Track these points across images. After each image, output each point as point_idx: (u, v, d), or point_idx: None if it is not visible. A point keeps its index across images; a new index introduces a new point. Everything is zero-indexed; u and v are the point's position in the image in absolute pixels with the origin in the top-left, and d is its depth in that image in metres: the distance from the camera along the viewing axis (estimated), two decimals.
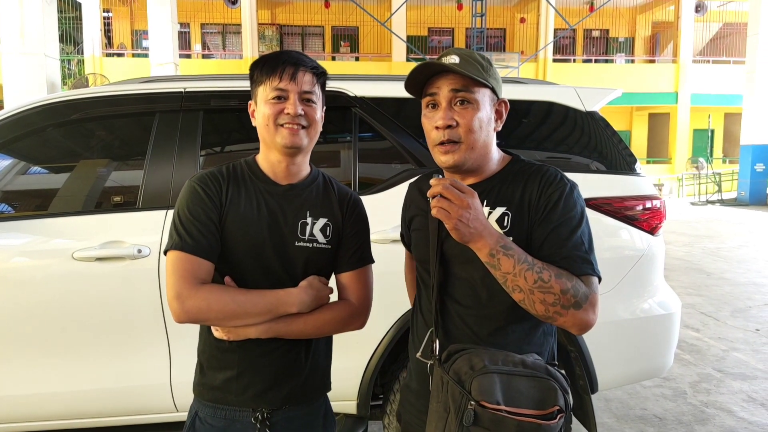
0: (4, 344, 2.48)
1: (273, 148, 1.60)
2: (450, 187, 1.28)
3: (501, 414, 1.23)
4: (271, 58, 1.58)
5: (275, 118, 1.55)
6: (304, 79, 1.57)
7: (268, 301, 1.51)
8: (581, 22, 21.88)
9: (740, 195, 18.58)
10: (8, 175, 2.73)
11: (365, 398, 2.63)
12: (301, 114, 1.55)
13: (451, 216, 1.28)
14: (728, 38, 26.48)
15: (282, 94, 1.55)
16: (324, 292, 1.60)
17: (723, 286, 7.44)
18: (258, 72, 1.59)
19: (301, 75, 1.56)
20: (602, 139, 2.89)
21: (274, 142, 1.57)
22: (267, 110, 1.55)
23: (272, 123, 1.55)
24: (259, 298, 1.51)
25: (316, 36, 26.44)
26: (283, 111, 1.54)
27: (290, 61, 1.56)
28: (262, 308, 1.51)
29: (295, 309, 1.53)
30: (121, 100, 2.76)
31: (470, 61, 1.45)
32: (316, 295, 1.57)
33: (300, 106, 1.55)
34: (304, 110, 1.56)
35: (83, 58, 21.89)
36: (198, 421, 1.62)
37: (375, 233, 2.41)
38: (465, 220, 1.28)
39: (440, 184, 1.29)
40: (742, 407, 3.86)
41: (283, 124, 1.55)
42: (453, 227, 1.28)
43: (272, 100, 1.55)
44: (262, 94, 1.57)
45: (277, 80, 1.54)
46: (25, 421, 2.54)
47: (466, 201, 1.28)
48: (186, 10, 24.01)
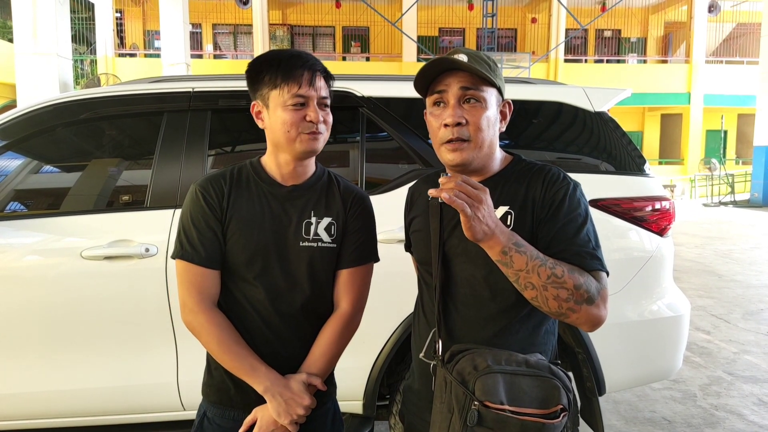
0: (13, 342, 2.50)
1: (285, 152, 1.59)
2: (463, 184, 1.26)
3: (505, 414, 1.23)
4: (286, 60, 1.55)
5: (298, 125, 1.54)
6: (320, 85, 1.57)
7: (241, 366, 1.53)
8: (593, 22, 21.76)
9: (753, 196, 18.42)
10: (18, 174, 2.76)
11: (371, 398, 2.63)
12: (322, 120, 1.56)
13: (472, 213, 1.25)
14: (741, 38, 26.27)
15: (302, 101, 1.54)
16: (293, 405, 1.52)
17: (735, 288, 7.38)
18: (271, 74, 1.55)
19: (318, 80, 1.56)
20: (611, 139, 2.88)
21: (293, 148, 1.56)
22: (288, 117, 1.53)
23: (294, 130, 1.54)
24: (235, 358, 1.53)
25: (326, 36, 26.48)
26: (305, 118, 1.54)
27: (307, 66, 1.55)
28: (232, 367, 1.54)
29: (260, 390, 1.52)
30: (130, 100, 2.78)
31: (478, 60, 1.44)
32: (287, 400, 1.51)
33: (320, 112, 1.56)
34: (322, 116, 1.57)
35: (96, 58, 22.05)
36: (206, 422, 1.63)
37: (382, 233, 2.42)
38: (482, 217, 1.26)
39: (452, 181, 1.26)
40: (752, 410, 3.82)
41: (305, 132, 1.54)
42: (470, 225, 1.26)
43: (292, 106, 1.53)
44: (277, 99, 1.54)
45: (296, 86, 1.52)
46: (33, 419, 2.56)
47: (481, 197, 1.27)
48: (198, 11, 24.14)
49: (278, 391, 1.51)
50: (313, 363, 1.60)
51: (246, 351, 1.54)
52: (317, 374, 1.59)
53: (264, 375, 1.52)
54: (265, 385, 1.51)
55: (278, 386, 1.52)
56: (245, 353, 1.54)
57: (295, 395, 1.52)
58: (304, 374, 1.57)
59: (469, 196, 1.25)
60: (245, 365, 1.52)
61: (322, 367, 1.61)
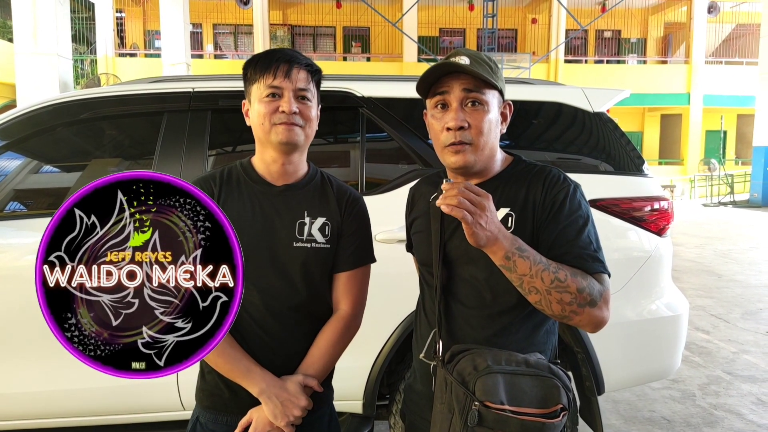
0: (13, 342, 2.51)
1: (268, 147, 1.59)
2: (466, 191, 1.27)
3: (505, 414, 1.24)
4: (264, 55, 1.57)
5: (270, 116, 1.53)
6: (298, 77, 1.55)
7: (236, 369, 1.52)
8: (593, 22, 21.76)
9: (753, 197, 18.44)
10: (18, 173, 2.76)
11: (371, 398, 2.63)
12: (296, 112, 1.54)
13: (473, 221, 1.25)
14: (741, 39, 26.28)
15: (276, 92, 1.54)
16: (290, 407, 1.52)
17: (734, 288, 7.39)
18: (251, 70, 1.58)
19: (296, 72, 1.55)
20: (610, 140, 2.88)
21: (270, 140, 1.55)
22: (262, 108, 1.54)
23: (267, 121, 1.54)
24: (229, 361, 1.52)
25: (327, 36, 26.49)
26: (278, 109, 1.53)
27: (284, 59, 1.55)
28: (226, 371, 1.54)
29: (255, 393, 1.52)
30: (130, 100, 2.78)
31: (480, 62, 1.44)
32: (283, 401, 1.51)
33: (295, 103, 1.54)
34: (299, 108, 1.55)
35: (96, 58, 22.05)
36: (199, 426, 1.61)
37: (381, 233, 2.44)
38: (484, 224, 1.27)
39: (455, 188, 1.27)
40: (751, 410, 3.83)
41: (278, 122, 1.53)
42: (472, 232, 1.26)
43: (266, 98, 1.54)
44: (256, 93, 1.56)
45: (271, 78, 1.53)
46: (34, 418, 2.56)
47: (484, 204, 1.27)
48: (198, 11, 24.15)
49: (274, 392, 1.50)
50: (310, 364, 1.59)
51: (240, 354, 1.53)
52: (314, 376, 1.58)
53: (259, 377, 1.52)
54: (261, 387, 1.51)
55: (274, 388, 1.51)
56: (239, 356, 1.53)
57: (291, 396, 1.51)
58: (300, 375, 1.56)
59: (472, 203, 1.26)
60: (240, 368, 1.52)
61: (319, 369, 1.59)
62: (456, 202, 1.25)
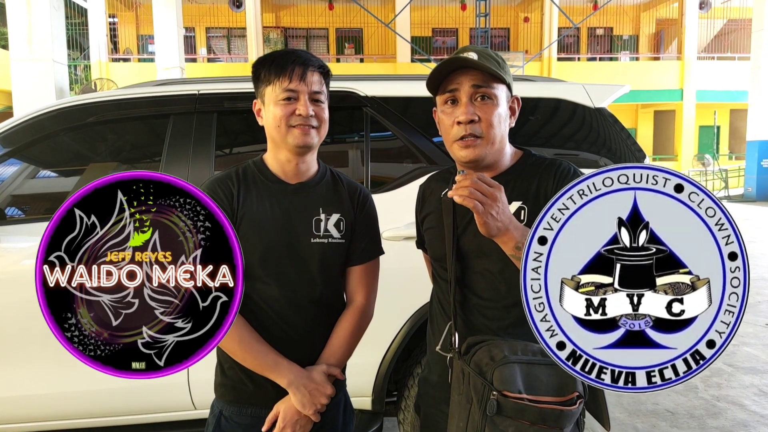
0: (18, 345, 2.51)
1: (283, 148, 1.62)
2: (478, 182, 1.30)
3: (523, 402, 1.26)
4: (279, 57, 1.60)
5: (287, 119, 1.57)
6: (313, 79, 1.59)
7: (264, 362, 1.56)
8: (585, 20, 21.80)
9: (747, 191, 18.50)
10: (22, 180, 2.77)
11: (380, 394, 2.65)
12: (312, 115, 1.58)
13: (485, 210, 1.28)
14: (733, 34, 26.37)
15: (292, 95, 1.57)
16: (317, 395, 1.57)
17: None
18: (265, 71, 1.60)
19: (310, 75, 1.58)
20: (611, 134, 2.91)
21: (286, 142, 1.59)
22: (278, 111, 1.57)
23: (284, 124, 1.57)
24: (258, 356, 1.56)
25: (320, 38, 26.47)
26: (295, 112, 1.56)
27: (299, 61, 1.58)
28: (254, 365, 1.57)
29: (284, 384, 1.56)
30: (136, 103, 2.79)
31: (488, 58, 1.47)
32: (311, 391, 1.56)
33: (311, 106, 1.58)
34: (314, 111, 1.59)
35: (89, 64, 21.98)
36: (224, 420, 1.65)
37: (387, 231, 2.45)
38: (495, 214, 1.30)
39: (468, 179, 1.30)
40: (753, 401, 3.87)
41: (294, 125, 1.57)
42: (483, 222, 1.29)
43: (282, 101, 1.57)
44: (271, 95, 1.59)
45: (286, 81, 1.56)
46: (45, 420, 2.57)
47: (496, 194, 1.30)
48: (191, 15, 24.08)
49: (302, 383, 1.55)
50: (332, 354, 1.65)
51: (266, 348, 1.57)
52: (336, 365, 1.64)
53: (287, 369, 1.56)
54: (289, 378, 1.55)
55: (302, 378, 1.56)
56: (266, 350, 1.57)
57: (318, 385, 1.57)
58: (323, 365, 1.62)
59: (484, 194, 1.29)
60: (268, 361, 1.56)
61: (340, 358, 1.66)
62: (468, 192, 1.28)
